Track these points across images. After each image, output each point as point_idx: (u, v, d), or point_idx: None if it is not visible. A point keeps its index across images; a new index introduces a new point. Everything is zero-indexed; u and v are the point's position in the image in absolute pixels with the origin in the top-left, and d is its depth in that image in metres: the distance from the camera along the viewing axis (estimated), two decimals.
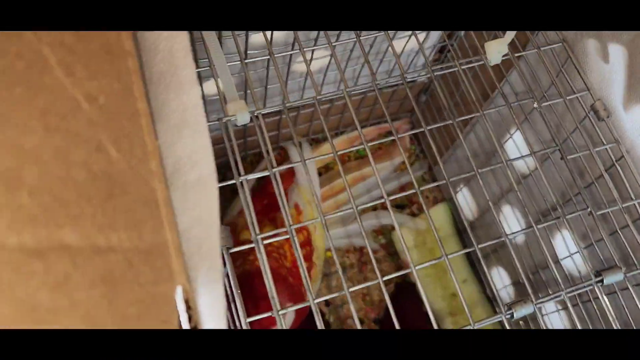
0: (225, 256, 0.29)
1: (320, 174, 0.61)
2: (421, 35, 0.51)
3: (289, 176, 0.57)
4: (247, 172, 0.32)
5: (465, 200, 0.61)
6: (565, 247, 0.44)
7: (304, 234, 0.52)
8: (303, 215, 0.53)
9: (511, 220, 0.53)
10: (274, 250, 0.49)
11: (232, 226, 0.52)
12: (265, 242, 0.30)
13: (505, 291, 0.57)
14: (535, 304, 0.31)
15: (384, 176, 0.63)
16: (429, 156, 0.67)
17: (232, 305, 0.31)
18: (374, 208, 0.63)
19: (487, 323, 0.30)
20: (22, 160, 0.21)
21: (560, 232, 0.45)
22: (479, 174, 0.33)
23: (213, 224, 0.26)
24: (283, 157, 0.61)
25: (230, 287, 0.30)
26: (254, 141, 0.60)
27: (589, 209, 0.34)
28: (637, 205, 0.35)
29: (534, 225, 0.33)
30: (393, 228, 0.47)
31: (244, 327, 0.29)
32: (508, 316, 0.31)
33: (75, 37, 0.23)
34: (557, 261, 0.45)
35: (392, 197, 0.33)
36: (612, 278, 0.32)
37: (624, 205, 0.34)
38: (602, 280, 0.32)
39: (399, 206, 0.65)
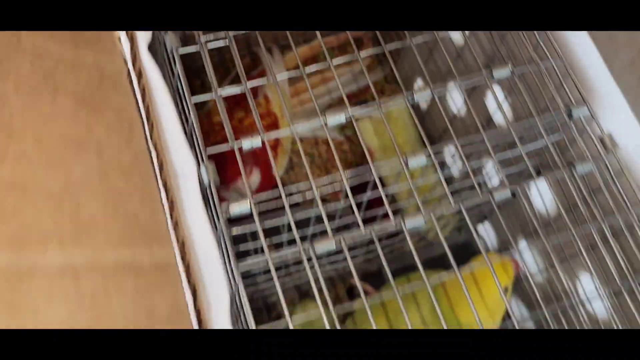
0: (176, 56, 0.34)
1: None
2: None
3: (258, 75, 0.61)
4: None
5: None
6: None
7: (271, 117, 0.58)
8: (271, 104, 0.59)
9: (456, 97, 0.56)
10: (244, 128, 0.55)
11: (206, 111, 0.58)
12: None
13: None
14: None
15: (345, 79, 0.69)
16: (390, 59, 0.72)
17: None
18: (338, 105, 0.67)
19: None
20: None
21: None
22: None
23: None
24: (256, 62, 0.67)
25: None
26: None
27: None
28: None
29: None
30: (357, 120, 0.51)
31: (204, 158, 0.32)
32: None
33: None
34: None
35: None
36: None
37: None
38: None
39: (361, 102, 0.69)
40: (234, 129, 0.49)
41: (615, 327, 0.34)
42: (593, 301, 0.42)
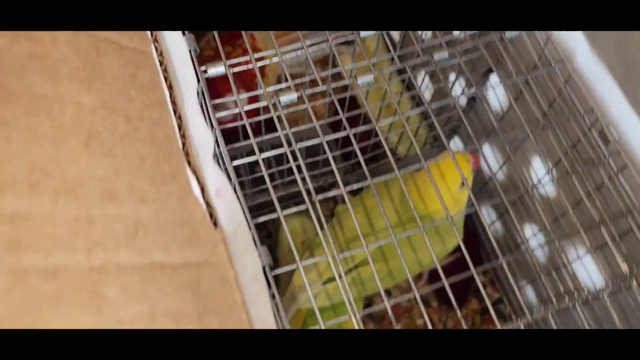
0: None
1: None
2: None
3: None
4: None
5: None
6: None
7: (256, 52, 0.61)
8: (257, 42, 0.60)
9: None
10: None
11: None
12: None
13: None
14: None
15: None
16: None
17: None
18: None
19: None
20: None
21: None
22: None
23: None
24: None
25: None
26: None
27: None
28: None
29: None
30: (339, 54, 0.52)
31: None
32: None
33: None
34: None
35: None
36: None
37: None
38: None
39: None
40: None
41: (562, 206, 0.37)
42: (546, 185, 0.46)
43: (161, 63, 0.29)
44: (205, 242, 0.26)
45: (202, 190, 0.27)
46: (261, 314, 0.26)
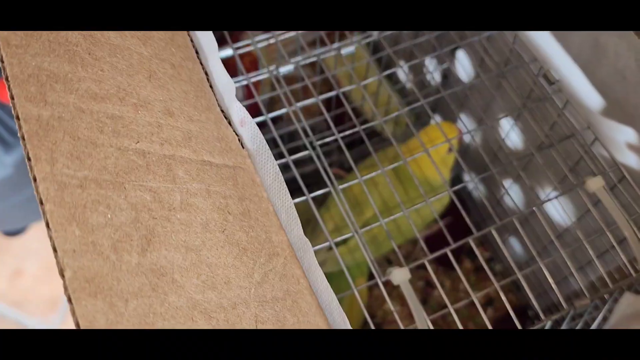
0: None
1: None
2: None
3: None
4: None
5: None
6: None
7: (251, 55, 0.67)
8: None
9: None
10: None
11: None
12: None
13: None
14: None
15: None
16: None
17: None
18: None
19: None
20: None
21: None
22: None
23: None
24: None
25: None
26: None
27: None
28: None
29: None
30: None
31: None
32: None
33: None
34: None
35: None
36: None
37: None
38: None
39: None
40: None
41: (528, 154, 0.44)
42: (512, 138, 0.52)
43: (188, 34, 0.39)
44: (236, 154, 0.34)
45: (229, 122, 0.36)
46: (284, 205, 0.34)
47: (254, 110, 0.44)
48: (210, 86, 0.37)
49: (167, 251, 0.25)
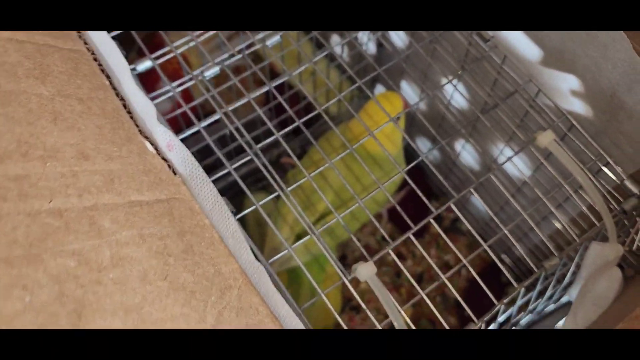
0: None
1: None
2: None
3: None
4: None
5: None
6: None
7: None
8: (170, 35, 0.64)
9: None
10: None
11: None
12: None
13: None
14: None
15: None
16: None
17: None
18: None
19: None
20: None
21: None
22: None
23: None
24: None
25: None
26: None
27: None
28: None
29: None
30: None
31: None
32: None
33: None
34: None
35: None
36: None
37: None
38: None
39: None
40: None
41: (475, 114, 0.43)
42: (457, 100, 0.52)
43: (95, 59, 0.35)
44: (168, 184, 0.32)
45: (156, 148, 0.33)
46: (229, 229, 0.32)
47: (188, 120, 0.41)
48: (129, 112, 0.34)
49: (103, 319, 0.23)
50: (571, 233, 0.41)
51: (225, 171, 0.37)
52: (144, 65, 0.43)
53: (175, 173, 0.33)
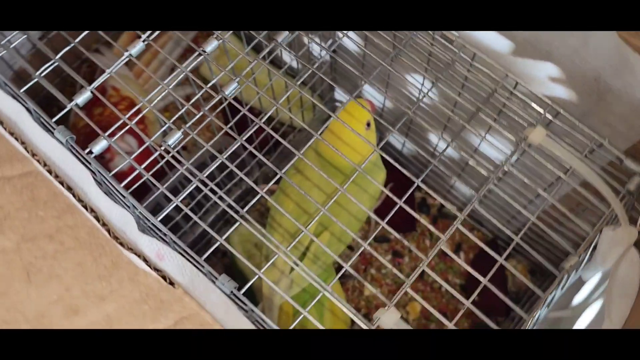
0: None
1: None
2: None
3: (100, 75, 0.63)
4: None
5: None
6: None
7: (126, 101, 0.60)
8: (121, 91, 0.60)
9: None
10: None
11: None
12: None
13: None
14: None
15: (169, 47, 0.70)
16: None
17: None
18: None
19: None
20: None
21: None
22: None
23: None
24: (93, 66, 0.67)
25: None
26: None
27: None
28: None
29: None
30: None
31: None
32: None
33: None
34: None
35: None
36: None
37: None
38: None
39: None
40: (98, 122, 0.54)
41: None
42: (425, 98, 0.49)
43: (49, 172, 0.31)
44: (171, 303, 0.28)
45: (145, 260, 0.30)
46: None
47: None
48: (103, 224, 0.30)
49: None
50: (581, 226, 0.39)
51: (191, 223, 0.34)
52: (100, 146, 0.38)
53: (173, 284, 0.30)
